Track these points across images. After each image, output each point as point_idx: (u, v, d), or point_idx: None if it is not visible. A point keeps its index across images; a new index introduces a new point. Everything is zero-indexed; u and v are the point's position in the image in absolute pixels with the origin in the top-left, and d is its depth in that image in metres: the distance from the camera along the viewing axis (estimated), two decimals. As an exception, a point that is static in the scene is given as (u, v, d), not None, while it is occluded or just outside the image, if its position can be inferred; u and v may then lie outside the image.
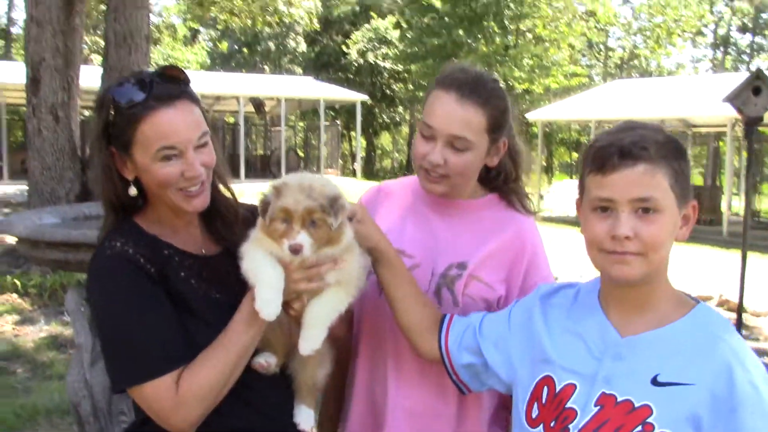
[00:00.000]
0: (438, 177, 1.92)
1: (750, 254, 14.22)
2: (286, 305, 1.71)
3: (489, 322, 1.87)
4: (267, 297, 1.65)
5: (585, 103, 23.57)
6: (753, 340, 7.62)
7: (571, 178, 33.70)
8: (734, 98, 3.72)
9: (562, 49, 32.97)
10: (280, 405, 1.88)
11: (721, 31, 50.13)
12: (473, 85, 1.88)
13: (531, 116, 24.90)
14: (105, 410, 3.30)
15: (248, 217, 1.93)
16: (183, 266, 1.80)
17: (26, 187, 10.29)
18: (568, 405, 1.61)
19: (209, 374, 1.67)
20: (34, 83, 9.17)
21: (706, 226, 18.42)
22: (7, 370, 5.87)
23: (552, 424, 1.63)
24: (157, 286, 1.72)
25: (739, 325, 4.19)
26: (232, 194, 1.98)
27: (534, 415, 1.69)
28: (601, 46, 46.30)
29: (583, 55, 44.71)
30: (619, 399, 1.54)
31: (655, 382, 1.52)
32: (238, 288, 1.74)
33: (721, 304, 9.24)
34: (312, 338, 1.73)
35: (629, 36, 44.53)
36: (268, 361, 1.81)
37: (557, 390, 1.65)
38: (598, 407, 1.56)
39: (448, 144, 1.88)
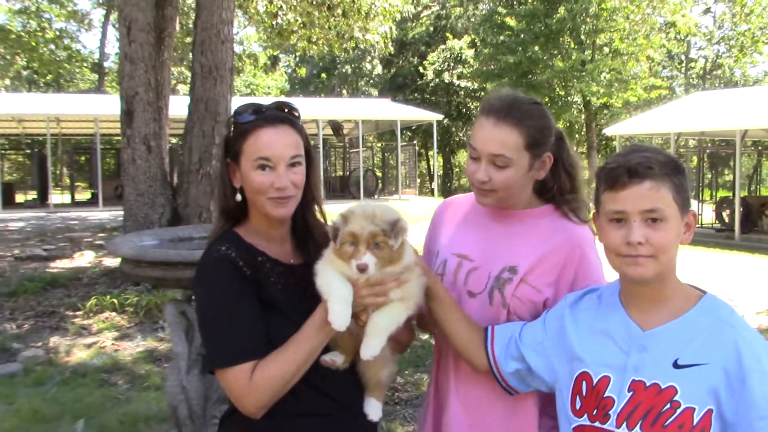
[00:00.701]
0: (486, 191, 2.17)
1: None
2: (355, 316, 1.98)
3: (528, 331, 2.11)
4: (338, 311, 1.92)
5: (665, 116, 23.14)
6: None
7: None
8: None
9: (640, 62, 32.42)
10: (352, 396, 2.14)
11: (811, 37, 48.35)
12: (508, 108, 2.12)
13: (609, 131, 24.57)
14: (200, 414, 3.63)
15: None
16: (274, 272, 2.10)
17: (119, 213, 10.95)
18: (606, 394, 1.86)
19: (280, 368, 1.95)
20: (128, 115, 9.78)
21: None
22: (109, 381, 6.33)
23: (594, 413, 1.88)
24: (251, 288, 2.02)
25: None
26: (324, 217, 2.29)
27: (578, 407, 1.93)
28: (683, 57, 45.28)
29: (664, 67, 43.81)
30: (648, 384, 1.80)
31: (675, 365, 1.78)
32: (313, 293, 2.01)
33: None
34: (372, 346, 1.97)
35: (711, 45, 43.39)
36: (333, 359, 2.07)
37: (594, 383, 1.89)
38: (631, 393, 1.82)
39: (491, 162, 2.11)
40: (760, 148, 27.65)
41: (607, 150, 41.21)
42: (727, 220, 20.36)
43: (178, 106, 12.89)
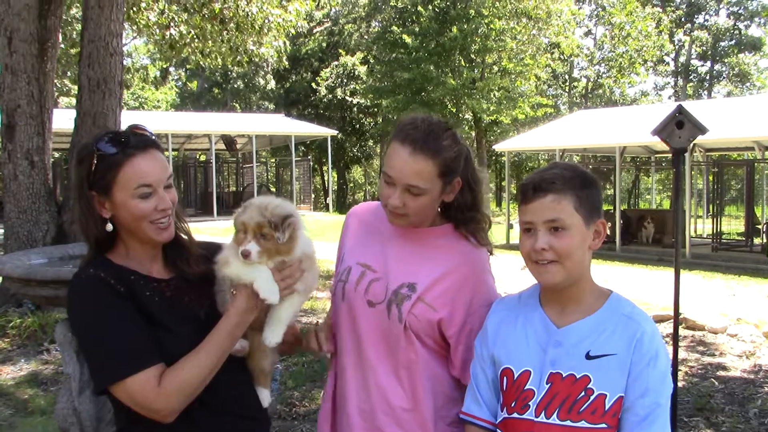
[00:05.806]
0: (399, 215, 2.24)
1: (713, 274, 14.85)
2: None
3: (477, 380, 2.20)
4: (268, 286, 2.04)
5: (550, 133, 24.06)
6: (710, 356, 7.97)
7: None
8: (661, 131, 4.11)
9: (528, 81, 33.66)
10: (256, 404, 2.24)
11: (682, 59, 51.58)
12: (424, 139, 2.16)
13: (499, 147, 25.32)
14: (92, 437, 3.52)
15: (203, 253, 2.28)
16: (148, 287, 2.12)
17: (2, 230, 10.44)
18: (527, 387, 2.03)
19: (193, 373, 1.98)
20: (9, 129, 9.35)
21: (671, 248, 18.83)
22: (-10, 408, 6.03)
23: (513, 404, 2.04)
24: (127, 301, 2.02)
25: (676, 337, 4.57)
26: (188, 232, 2.31)
27: (499, 402, 2.11)
28: (566, 77, 47.27)
29: (549, 86, 45.60)
30: (564, 375, 1.98)
31: (588, 357, 1.98)
32: (191, 304, 2.13)
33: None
34: (277, 333, 2.13)
35: (592, 66, 45.52)
36: (243, 347, 2.19)
37: (515, 377, 2.06)
38: (549, 384, 1.99)
39: (406, 190, 2.18)
40: (638, 163, 29.16)
41: (497, 166, 42.48)
42: (608, 232, 21.23)
43: (61, 119, 12.39)
